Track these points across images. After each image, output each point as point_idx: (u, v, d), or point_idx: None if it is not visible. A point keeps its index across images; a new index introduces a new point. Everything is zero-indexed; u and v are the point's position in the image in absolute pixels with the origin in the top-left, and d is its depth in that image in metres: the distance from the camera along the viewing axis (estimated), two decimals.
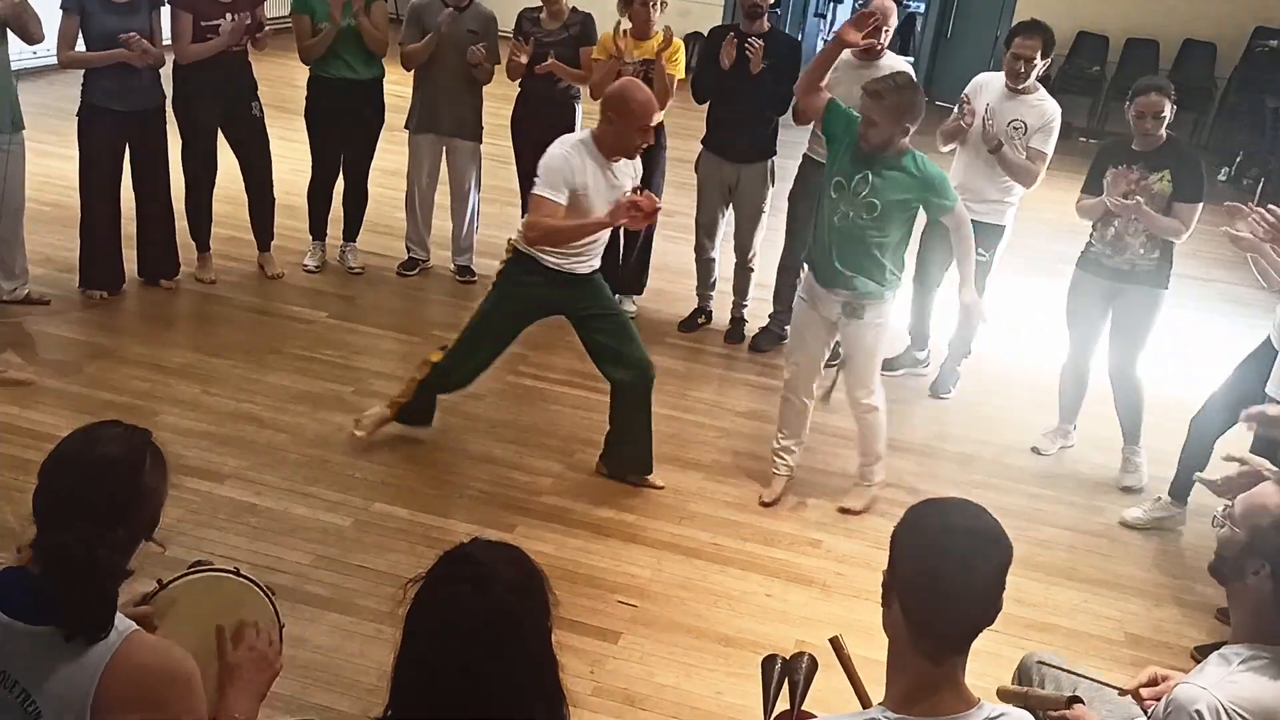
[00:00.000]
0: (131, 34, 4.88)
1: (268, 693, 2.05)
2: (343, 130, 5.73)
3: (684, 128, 6.07)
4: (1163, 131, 4.30)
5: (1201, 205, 4.30)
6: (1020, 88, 4.80)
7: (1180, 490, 4.36)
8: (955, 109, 5.02)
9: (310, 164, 5.84)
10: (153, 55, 4.99)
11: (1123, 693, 2.36)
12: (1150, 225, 4.31)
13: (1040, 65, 4.78)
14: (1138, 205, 4.27)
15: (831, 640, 2.22)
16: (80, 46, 4.97)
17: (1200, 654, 3.79)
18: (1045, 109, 4.81)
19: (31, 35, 4.73)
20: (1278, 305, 4.02)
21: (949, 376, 5.32)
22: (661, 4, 5.26)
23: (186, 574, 2.12)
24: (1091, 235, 4.56)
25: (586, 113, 5.72)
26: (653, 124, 3.89)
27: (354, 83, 5.59)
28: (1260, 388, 3.84)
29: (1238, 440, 3.85)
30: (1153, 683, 2.30)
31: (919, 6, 13.03)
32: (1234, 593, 2.11)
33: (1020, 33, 4.83)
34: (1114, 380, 4.64)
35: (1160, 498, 4.44)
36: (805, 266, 4.24)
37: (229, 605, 2.12)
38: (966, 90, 5.02)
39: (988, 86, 4.92)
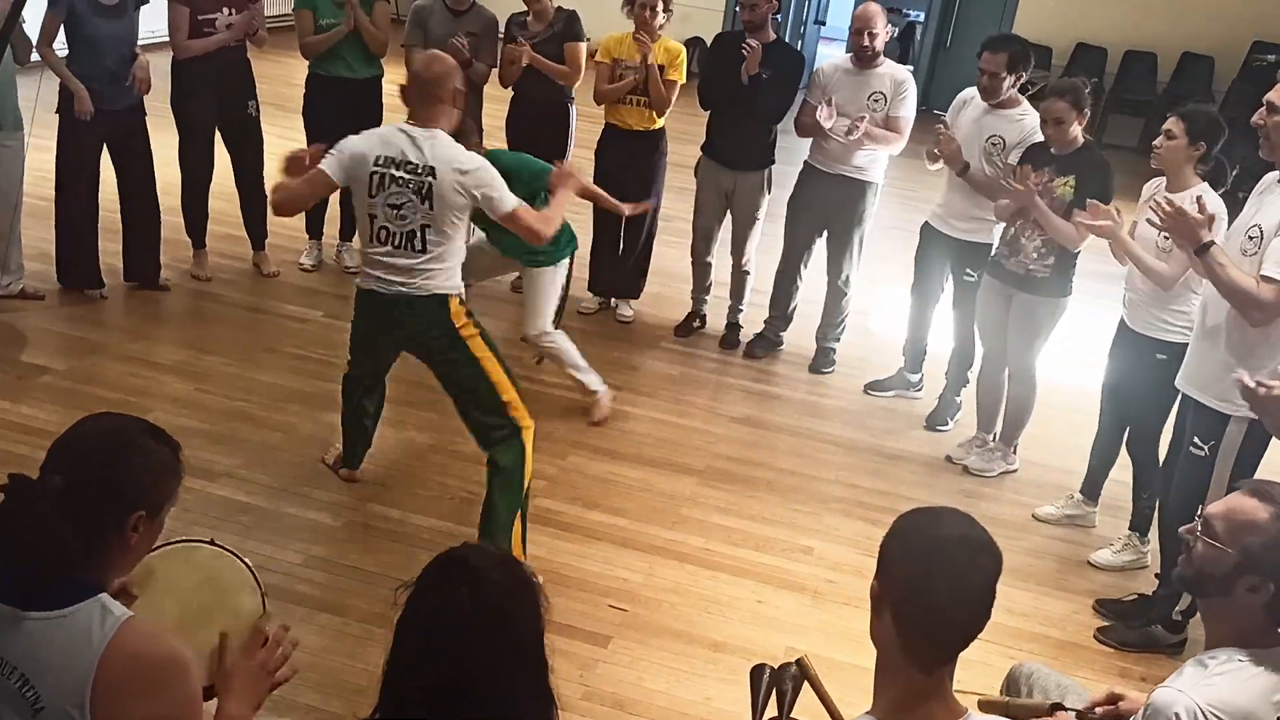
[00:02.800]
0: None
1: (265, 699, 2.04)
2: (340, 129, 5.65)
3: (684, 133, 6.09)
4: (1078, 136, 4.24)
5: None
6: (997, 102, 4.69)
7: (1091, 489, 4.42)
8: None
9: None
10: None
11: (1079, 714, 2.33)
12: (1045, 224, 4.25)
13: (1009, 80, 4.63)
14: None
15: (798, 662, 2.21)
16: (60, 46, 4.96)
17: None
18: (1025, 124, 4.64)
19: (18, 55, 4.78)
20: (1125, 287, 4.07)
21: (947, 408, 5.13)
22: (665, 8, 5.27)
23: (161, 545, 2.11)
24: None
25: (581, 114, 5.74)
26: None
27: (352, 82, 5.59)
28: (1132, 370, 4.00)
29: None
30: (1109, 701, 2.29)
31: (919, 16, 13.06)
32: (1216, 605, 2.11)
33: (986, 48, 4.71)
34: (1010, 375, 4.63)
35: (1073, 495, 4.48)
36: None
37: (207, 572, 2.13)
38: (952, 105, 4.96)
39: (970, 102, 4.84)
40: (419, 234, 3.45)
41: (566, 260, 4.71)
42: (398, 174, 3.43)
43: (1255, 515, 2.05)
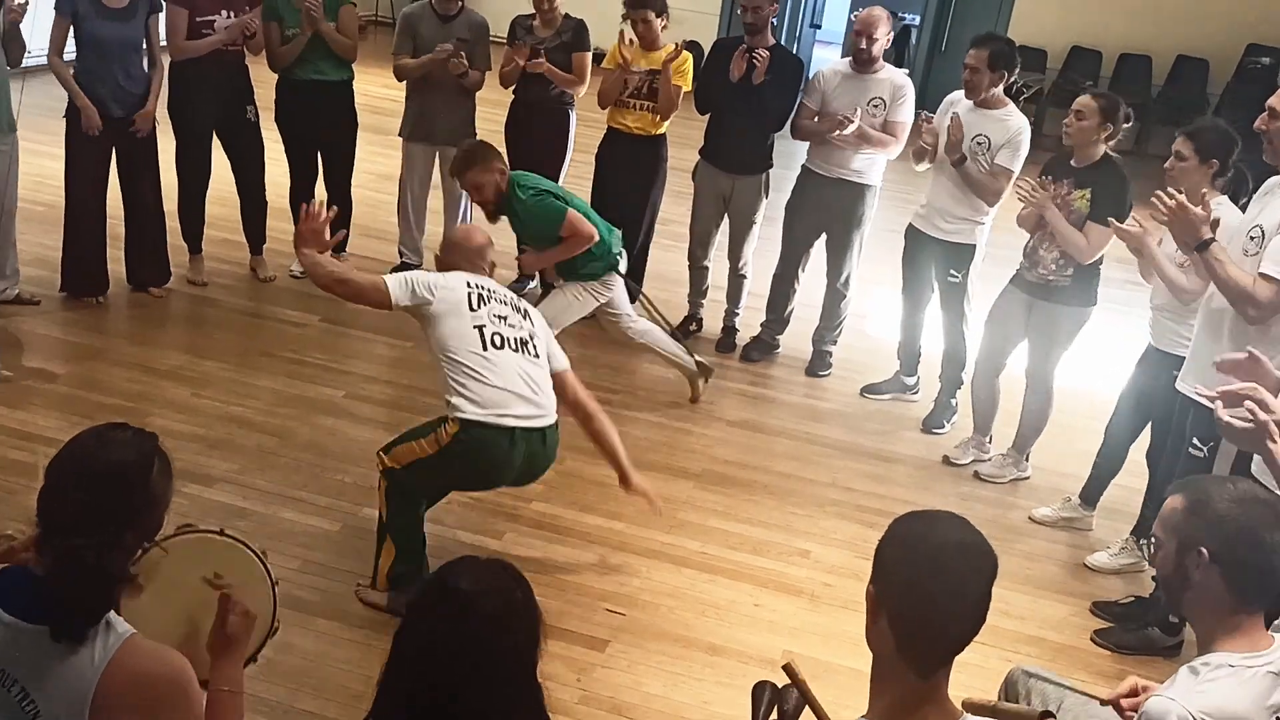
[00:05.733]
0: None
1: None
2: (315, 134, 5.68)
3: (683, 138, 6.09)
4: (1100, 148, 4.27)
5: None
6: (981, 100, 4.71)
7: (1091, 494, 4.43)
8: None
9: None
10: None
11: (1104, 702, 2.38)
12: (1057, 234, 4.27)
13: (990, 77, 4.65)
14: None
15: (785, 666, 2.20)
16: (69, 50, 4.95)
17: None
18: (1010, 125, 4.68)
19: (11, 56, 4.75)
20: (1150, 306, 4.07)
21: (943, 411, 5.13)
22: (664, 17, 5.28)
23: (171, 536, 2.13)
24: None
25: (581, 119, 5.75)
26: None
27: (320, 84, 5.54)
28: (1154, 387, 3.98)
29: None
30: (1133, 693, 2.31)
31: (914, 19, 13.07)
32: (1188, 603, 2.10)
33: (972, 44, 4.76)
34: (1028, 381, 4.65)
35: (1070, 498, 4.48)
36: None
37: (216, 564, 2.13)
38: (940, 107, 4.97)
39: (957, 103, 4.86)
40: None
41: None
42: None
43: (1174, 504, 2.10)
